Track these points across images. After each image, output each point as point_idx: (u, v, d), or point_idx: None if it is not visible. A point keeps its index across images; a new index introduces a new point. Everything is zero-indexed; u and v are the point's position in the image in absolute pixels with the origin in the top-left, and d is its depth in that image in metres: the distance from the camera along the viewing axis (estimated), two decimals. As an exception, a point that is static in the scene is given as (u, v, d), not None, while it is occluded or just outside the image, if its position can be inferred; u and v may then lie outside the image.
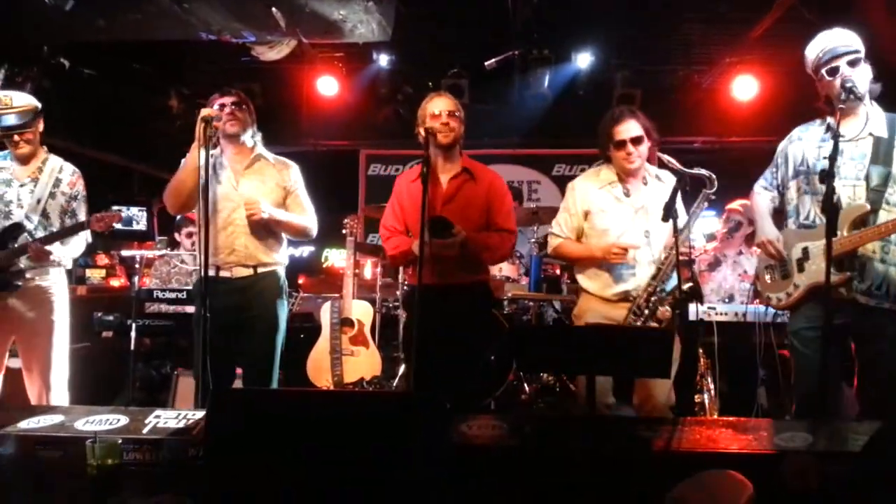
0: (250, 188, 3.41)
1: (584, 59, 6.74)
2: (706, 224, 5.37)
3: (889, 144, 2.89)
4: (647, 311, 3.13)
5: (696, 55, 6.92)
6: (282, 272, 3.55)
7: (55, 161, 3.62)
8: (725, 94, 6.88)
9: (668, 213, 2.99)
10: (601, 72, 6.90)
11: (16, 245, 3.40)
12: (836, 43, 2.92)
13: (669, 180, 3.28)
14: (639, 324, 3.12)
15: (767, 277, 3.18)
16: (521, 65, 6.74)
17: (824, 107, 3.02)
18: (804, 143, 3.09)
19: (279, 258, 3.51)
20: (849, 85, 2.81)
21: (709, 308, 4.17)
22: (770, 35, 6.03)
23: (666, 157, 3.15)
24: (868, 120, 2.94)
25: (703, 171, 3.12)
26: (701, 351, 3.78)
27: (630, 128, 3.22)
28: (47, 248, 3.39)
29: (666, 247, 3.16)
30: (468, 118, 3.44)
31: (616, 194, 3.30)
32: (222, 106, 3.37)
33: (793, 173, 3.11)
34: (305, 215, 3.56)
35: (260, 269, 3.41)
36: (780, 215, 3.24)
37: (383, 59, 6.79)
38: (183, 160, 3.37)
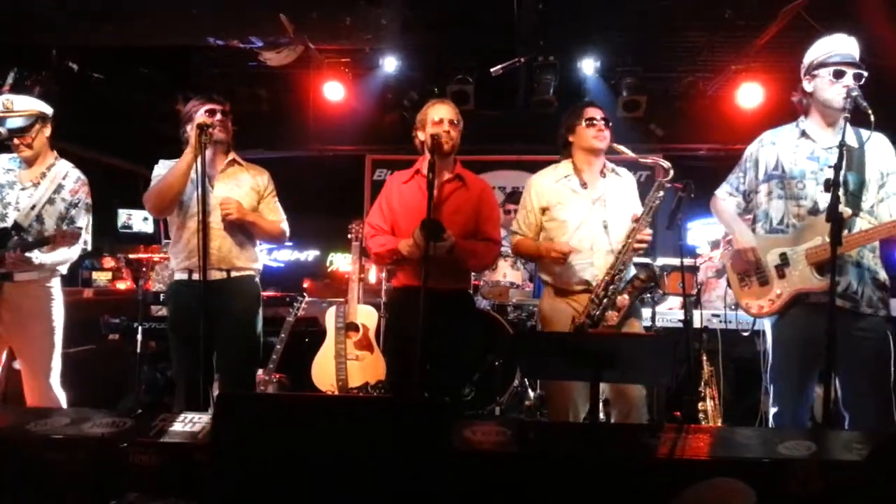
0: (224, 191, 3.45)
1: (589, 66, 6.75)
2: (710, 231, 5.37)
3: (860, 154, 2.93)
4: (605, 300, 3.14)
5: (702, 62, 6.92)
6: (257, 278, 3.60)
7: (62, 167, 3.62)
8: (731, 101, 6.87)
9: (673, 220, 3.02)
10: (606, 79, 6.91)
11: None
12: (848, 50, 2.94)
13: (626, 176, 3.39)
14: (597, 313, 3.14)
15: (745, 285, 3.16)
16: (526, 71, 6.75)
17: (800, 103, 3.08)
18: (777, 148, 3.11)
19: (254, 264, 3.56)
20: (854, 94, 2.82)
21: (713, 315, 4.18)
22: (775, 43, 6.03)
23: (620, 147, 3.25)
24: (841, 130, 2.94)
25: (661, 162, 3.19)
26: (705, 358, 3.78)
27: (599, 111, 3.31)
28: (27, 255, 3.35)
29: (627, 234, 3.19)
30: (474, 124, 3.47)
31: (572, 186, 3.33)
32: (212, 112, 3.42)
33: (764, 177, 3.13)
34: (278, 219, 3.64)
35: (234, 273, 3.44)
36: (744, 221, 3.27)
37: (389, 65, 6.79)
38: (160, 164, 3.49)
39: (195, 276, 3.37)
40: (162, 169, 3.50)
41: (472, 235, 3.40)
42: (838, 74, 2.91)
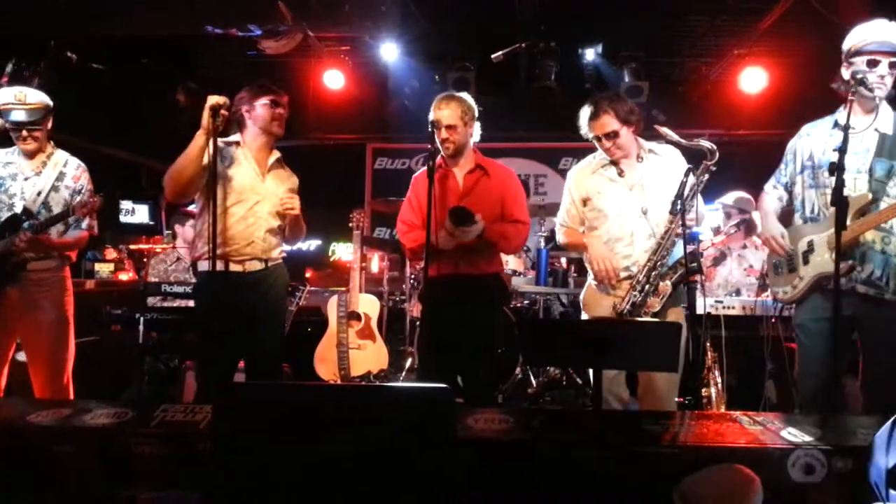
0: (275, 187, 3.43)
1: (590, 52, 6.71)
2: (712, 217, 5.34)
3: (894, 140, 2.93)
4: (647, 287, 3.13)
5: (704, 47, 6.88)
6: (285, 266, 3.58)
7: (61, 155, 3.64)
8: (733, 86, 6.84)
9: (676, 204, 3.00)
10: (608, 64, 6.87)
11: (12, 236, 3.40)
12: (885, 37, 2.90)
13: (665, 152, 3.31)
14: (639, 299, 3.13)
15: (775, 272, 3.21)
16: (527, 57, 6.71)
17: (840, 89, 3.03)
18: (812, 139, 3.12)
19: (280, 253, 3.55)
20: (860, 77, 2.82)
21: (716, 302, 4.16)
22: (779, 26, 5.98)
23: (664, 130, 3.17)
24: (877, 117, 2.97)
25: (704, 143, 3.11)
26: (708, 344, 3.77)
27: (605, 123, 3.21)
28: (41, 237, 3.38)
29: (668, 221, 3.15)
30: (475, 111, 3.47)
31: (610, 175, 3.32)
32: (276, 103, 3.36)
33: (800, 169, 3.14)
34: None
35: (271, 264, 3.43)
36: (789, 214, 3.25)
37: (390, 53, 6.75)
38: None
39: (233, 267, 3.28)
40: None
41: (500, 221, 3.46)
42: (872, 63, 2.90)
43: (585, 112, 3.30)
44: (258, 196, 3.34)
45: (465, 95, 3.54)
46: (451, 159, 3.49)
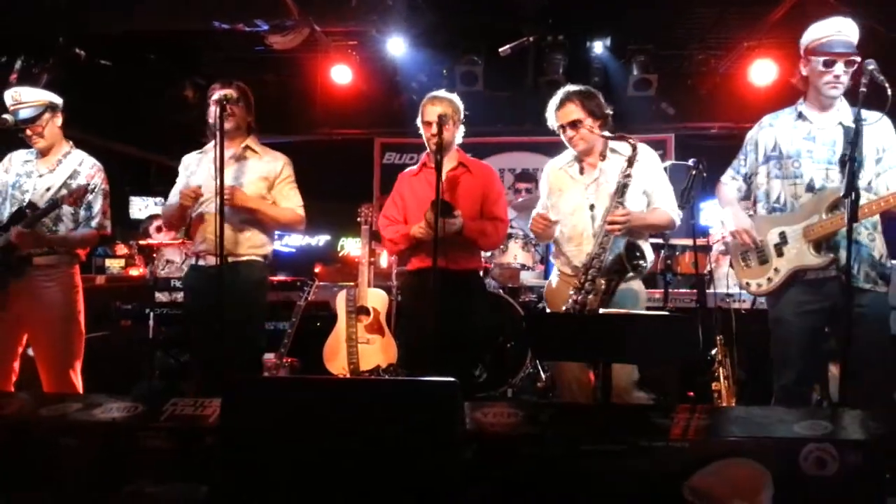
0: (229, 180, 3.42)
1: (599, 45, 6.67)
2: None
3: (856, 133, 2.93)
4: (585, 284, 3.06)
5: (713, 39, 6.83)
6: (261, 263, 3.61)
7: (77, 155, 3.65)
8: (743, 79, 6.78)
9: (683, 198, 2.99)
10: (616, 57, 6.84)
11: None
12: (842, 37, 2.94)
13: (625, 151, 3.15)
14: (578, 298, 3.05)
15: (744, 264, 3.21)
16: (535, 51, 6.68)
17: (798, 84, 3.12)
18: (776, 130, 3.15)
19: (257, 250, 3.58)
20: (871, 68, 2.77)
21: (727, 296, 4.14)
22: (789, 18, 5.92)
23: (605, 133, 3.15)
24: (839, 111, 3.04)
25: (629, 139, 3.07)
26: (718, 338, 3.75)
27: (569, 111, 3.22)
28: (36, 231, 3.37)
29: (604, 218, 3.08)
30: (483, 105, 3.49)
31: (571, 173, 3.33)
32: (218, 100, 3.37)
33: (763, 159, 3.17)
34: (289, 207, 3.64)
35: (230, 259, 3.43)
36: (746, 203, 3.32)
37: (397, 47, 6.74)
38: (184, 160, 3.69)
39: (201, 262, 3.59)
40: (183, 168, 3.69)
41: (479, 219, 3.54)
42: (828, 64, 2.94)
43: (552, 102, 3.33)
44: (209, 193, 3.40)
45: (453, 95, 3.58)
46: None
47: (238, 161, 3.57)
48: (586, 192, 3.26)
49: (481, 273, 3.81)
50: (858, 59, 2.89)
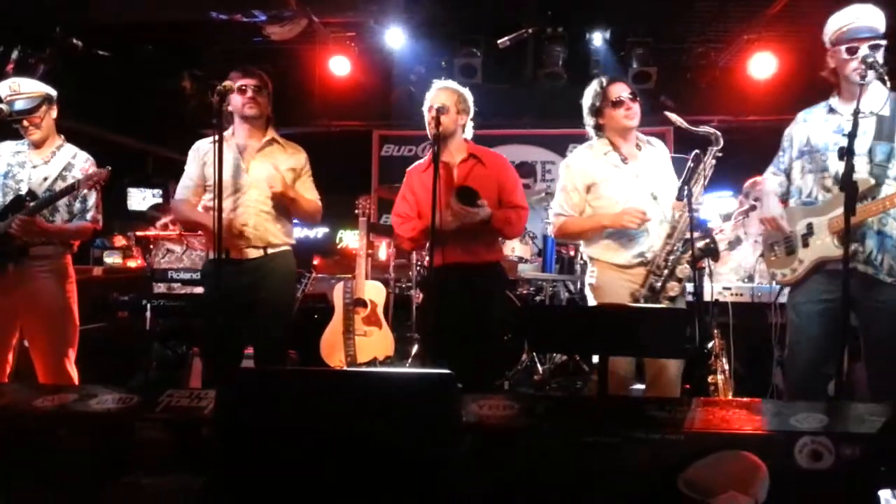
0: (262, 171, 3.42)
1: (598, 38, 6.65)
2: (722, 204, 5.32)
3: (891, 122, 2.93)
4: (665, 271, 3.13)
5: (713, 32, 6.82)
6: (291, 253, 3.59)
7: (70, 149, 3.66)
8: (742, 71, 6.77)
9: (682, 191, 3.00)
10: (616, 50, 6.82)
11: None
12: (862, 23, 2.91)
13: (658, 145, 3.38)
14: (658, 284, 3.13)
15: (773, 254, 3.24)
16: (534, 43, 6.66)
17: (829, 77, 3.07)
18: (808, 125, 3.14)
19: (289, 239, 3.56)
20: (870, 60, 2.80)
21: (723, 288, 4.15)
22: (788, 11, 5.92)
23: (673, 116, 3.19)
24: (872, 99, 2.95)
25: (709, 129, 3.14)
26: (716, 331, 3.75)
27: (623, 87, 3.29)
28: (35, 220, 3.36)
29: (675, 206, 3.18)
30: (482, 98, 3.45)
31: (614, 162, 3.30)
32: (243, 88, 3.38)
33: (797, 154, 3.16)
34: (314, 198, 3.65)
35: (270, 251, 3.44)
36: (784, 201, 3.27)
37: (395, 39, 6.71)
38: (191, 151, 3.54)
39: (233, 255, 3.35)
40: (198, 155, 3.52)
41: (499, 208, 3.45)
42: (851, 51, 2.91)
43: (595, 84, 3.35)
44: (240, 187, 3.37)
45: (458, 86, 3.55)
46: (443, 144, 3.39)
47: (267, 151, 3.51)
48: (638, 181, 3.26)
49: (503, 263, 3.74)
50: (883, 42, 2.87)
